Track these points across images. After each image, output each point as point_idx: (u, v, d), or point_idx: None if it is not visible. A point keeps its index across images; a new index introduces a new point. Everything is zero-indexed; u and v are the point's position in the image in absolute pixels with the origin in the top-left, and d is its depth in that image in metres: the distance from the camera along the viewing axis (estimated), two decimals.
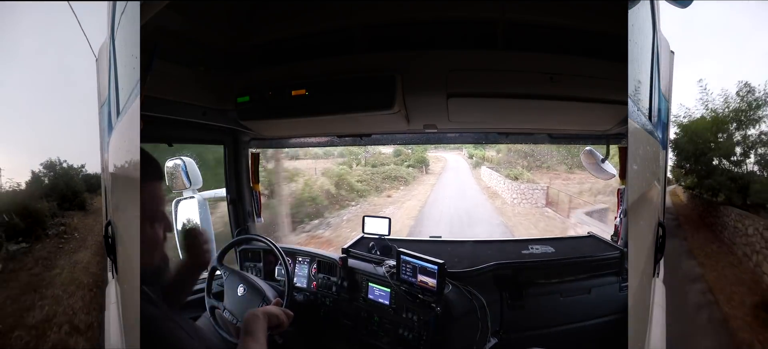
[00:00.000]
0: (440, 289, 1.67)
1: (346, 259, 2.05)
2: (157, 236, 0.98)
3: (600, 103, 1.51)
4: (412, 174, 15.81)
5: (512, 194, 13.00)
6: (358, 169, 14.45)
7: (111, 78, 1.69)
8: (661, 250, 1.60)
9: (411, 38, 1.45)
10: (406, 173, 15.45)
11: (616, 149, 2.09)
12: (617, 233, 2.17)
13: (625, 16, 1.10)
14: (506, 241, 2.58)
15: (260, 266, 2.26)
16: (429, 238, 2.43)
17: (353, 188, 12.73)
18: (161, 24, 1.29)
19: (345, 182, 12.68)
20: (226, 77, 1.72)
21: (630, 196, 1.17)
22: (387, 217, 2.25)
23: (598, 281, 1.96)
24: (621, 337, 1.20)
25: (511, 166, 14.71)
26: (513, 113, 1.79)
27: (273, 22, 1.58)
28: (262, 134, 2.33)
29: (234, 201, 2.39)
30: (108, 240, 1.52)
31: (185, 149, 2.23)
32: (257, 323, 1.07)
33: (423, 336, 1.71)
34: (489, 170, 15.80)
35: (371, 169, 14.81)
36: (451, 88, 1.51)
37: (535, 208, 12.23)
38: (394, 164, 15.78)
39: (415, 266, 1.73)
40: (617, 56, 1.20)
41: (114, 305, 1.62)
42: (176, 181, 2.23)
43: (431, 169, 17.39)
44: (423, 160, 16.93)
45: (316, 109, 1.55)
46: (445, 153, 19.98)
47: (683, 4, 1.41)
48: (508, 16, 1.38)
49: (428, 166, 17.32)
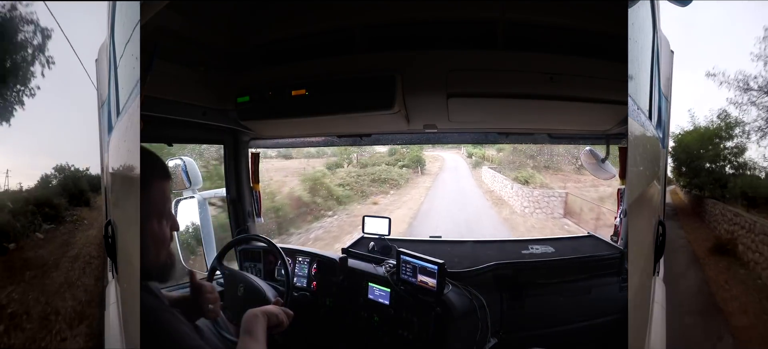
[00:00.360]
0: (440, 289, 1.67)
1: (346, 259, 2.05)
2: (164, 234, 0.98)
3: (600, 103, 1.51)
4: (405, 175, 14.00)
5: (522, 202, 10.91)
6: (343, 171, 12.89)
7: (111, 78, 1.69)
8: (661, 249, 1.60)
9: (411, 38, 1.45)
10: (398, 175, 13.58)
11: (616, 149, 2.09)
12: (617, 233, 2.17)
13: (625, 15, 1.10)
14: (506, 241, 2.58)
15: (260, 266, 2.26)
16: (429, 238, 2.44)
17: (332, 194, 10.90)
18: (161, 24, 1.30)
19: (322, 187, 10.88)
20: (226, 77, 1.72)
21: (630, 195, 1.18)
22: (387, 217, 2.25)
23: (598, 281, 1.96)
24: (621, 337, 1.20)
25: (518, 167, 13.01)
26: (513, 113, 1.79)
27: (273, 22, 1.58)
28: (262, 134, 2.34)
29: (234, 201, 2.39)
30: (108, 240, 1.52)
31: (184, 149, 2.23)
32: (257, 323, 1.08)
33: (423, 336, 1.71)
34: (491, 171, 14.15)
35: (358, 171, 13.09)
36: (451, 88, 1.51)
37: (552, 219, 10.24)
38: (386, 164, 13.99)
39: (415, 266, 1.73)
40: (617, 56, 1.20)
41: (114, 305, 1.62)
42: (176, 181, 2.23)
43: (428, 170, 15.92)
44: (418, 160, 15.37)
45: (316, 109, 1.55)
46: (442, 152, 18.35)
47: (683, 4, 1.41)
48: (508, 16, 1.38)
49: (424, 167, 15.85)
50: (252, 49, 1.64)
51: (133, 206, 0.99)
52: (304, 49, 1.55)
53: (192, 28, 1.49)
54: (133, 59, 1.18)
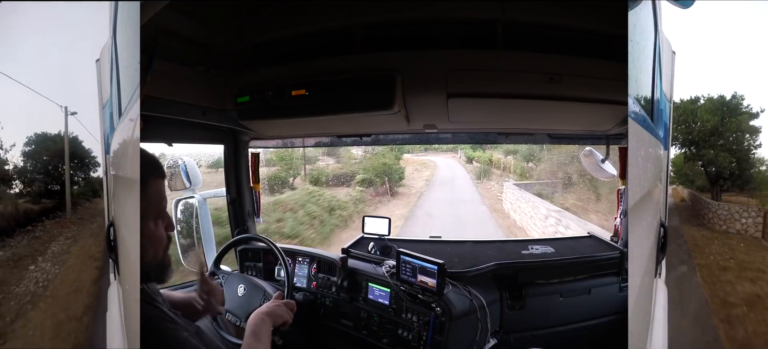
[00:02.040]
0: (440, 289, 1.67)
1: (346, 259, 2.05)
2: (159, 234, 0.98)
3: (600, 103, 1.51)
4: (363, 199, 8.57)
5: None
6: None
7: (112, 78, 1.69)
8: (663, 250, 1.60)
9: (411, 38, 1.45)
10: (347, 203, 7.83)
11: (615, 150, 2.08)
12: (617, 234, 2.17)
13: (624, 15, 1.10)
14: (506, 241, 2.58)
15: (260, 266, 2.27)
16: (429, 238, 2.44)
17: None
18: (161, 24, 1.30)
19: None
20: (226, 77, 1.72)
21: (632, 196, 1.17)
22: (387, 217, 2.25)
23: (598, 281, 1.95)
24: (620, 337, 1.20)
25: (562, 182, 6.86)
26: (513, 113, 1.79)
27: (273, 22, 1.58)
28: (262, 134, 2.34)
29: (234, 201, 2.39)
30: (110, 241, 1.52)
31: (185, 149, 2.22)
32: (262, 325, 1.09)
33: (423, 336, 1.71)
34: (517, 190, 7.62)
35: (291, 198, 8.11)
36: (451, 88, 1.51)
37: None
38: (329, 184, 8.75)
39: (415, 266, 1.73)
40: (617, 56, 1.20)
41: (116, 306, 1.63)
42: (176, 181, 2.24)
43: (408, 184, 9.61)
44: (388, 171, 9.05)
45: (316, 109, 1.55)
46: (435, 156, 12.99)
47: (685, 5, 1.40)
48: (508, 16, 1.38)
49: (401, 181, 9.41)
50: (252, 49, 1.64)
51: (133, 207, 0.98)
52: (304, 49, 1.55)
53: (192, 28, 1.48)
54: (134, 59, 1.19)
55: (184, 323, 1.00)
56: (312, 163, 10.30)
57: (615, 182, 2.19)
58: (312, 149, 4.27)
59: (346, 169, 10.21)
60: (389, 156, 9.41)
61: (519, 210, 7.07)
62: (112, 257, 1.56)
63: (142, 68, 1.16)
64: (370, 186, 9.04)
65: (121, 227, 1.40)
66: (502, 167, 9.89)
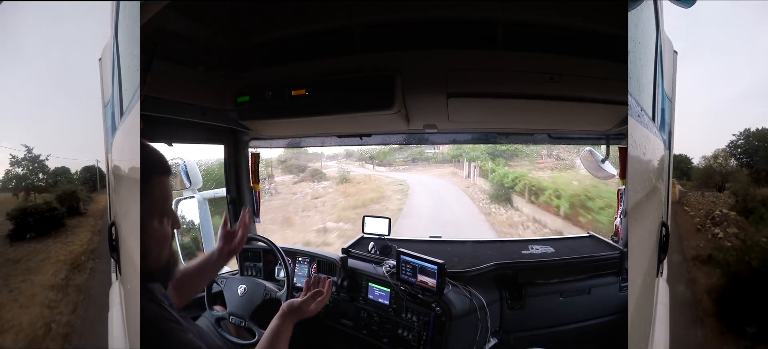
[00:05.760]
0: (440, 289, 1.67)
1: (346, 259, 2.05)
2: (165, 231, 0.94)
3: (600, 103, 1.50)
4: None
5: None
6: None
7: (114, 78, 1.69)
8: (664, 250, 1.59)
9: (411, 38, 1.45)
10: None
11: (616, 150, 2.08)
12: (617, 234, 2.17)
13: (625, 15, 1.10)
14: (506, 241, 2.58)
15: (260, 266, 2.27)
16: (429, 238, 2.43)
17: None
18: (161, 24, 1.30)
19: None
20: (226, 77, 1.72)
21: (633, 197, 1.17)
22: (387, 217, 2.25)
23: (598, 281, 1.95)
24: (621, 337, 1.20)
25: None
26: (513, 113, 1.79)
27: (273, 22, 1.58)
28: (262, 134, 2.34)
29: (234, 201, 2.40)
30: (112, 241, 1.52)
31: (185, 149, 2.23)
32: (292, 313, 1.24)
33: (423, 336, 1.71)
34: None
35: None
36: (451, 88, 1.51)
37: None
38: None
39: (415, 266, 1.73)
40: (618, 56, 1.20)
41: (117, 305, 1.63)
42: (176, 181, 2.24)
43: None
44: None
45: (316, 109, 1.55)
46: (416, 174, 8.94)
47: (686, 4, 1.40)
48: (508, 16, 1.38)
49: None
50: (252, 49, 1.65)
51: (135, 206, 0.98)
52: (304, 49, 1.55)
53: (192, 28, 1.49)
54: (135, 59, 1.19)
55: (187, 324, 0.99)
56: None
57: (616, 182, 2.19)
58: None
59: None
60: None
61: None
62: (113, 256, 1.56)
63: (142, 68, 1.16)
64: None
65: (122, 226, 1.40)
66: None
